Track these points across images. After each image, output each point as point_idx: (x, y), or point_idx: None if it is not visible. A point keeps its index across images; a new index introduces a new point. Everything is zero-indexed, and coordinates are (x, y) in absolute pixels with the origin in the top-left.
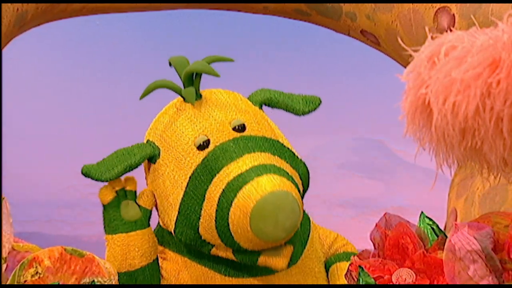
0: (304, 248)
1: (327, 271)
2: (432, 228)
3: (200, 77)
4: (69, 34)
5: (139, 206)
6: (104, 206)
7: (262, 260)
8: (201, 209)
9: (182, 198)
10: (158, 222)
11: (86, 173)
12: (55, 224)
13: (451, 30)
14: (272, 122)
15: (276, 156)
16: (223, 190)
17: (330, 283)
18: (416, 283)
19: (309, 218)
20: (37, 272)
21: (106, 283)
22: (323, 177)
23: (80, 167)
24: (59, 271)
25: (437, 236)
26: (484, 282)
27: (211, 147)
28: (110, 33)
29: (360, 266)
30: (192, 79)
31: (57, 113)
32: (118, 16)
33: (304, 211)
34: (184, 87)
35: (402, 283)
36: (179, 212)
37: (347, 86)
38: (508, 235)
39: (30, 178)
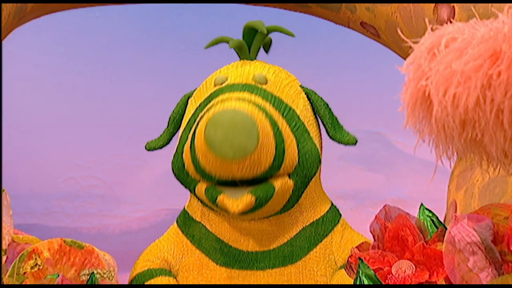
0: (312, 249)
1: None
2: (432, 220)
3: (260, 40)
4: (68, 26)
5: None
6: None
7: (220, 198)
8: (189, 133)
9: (185, 126)
10: (184, 207)
11: (149, 148)
12: (55, 216)
13: (451, 22)
14: (309, 109)
15: (277, 112)
16: (205, 112)
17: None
18: (416, 275)
19: (336, 222)
20: (36, 264)
21: (105, 275)
22: (323, 169)
23: (80, 159)
24: (59, 263)
25: (437, 228)
26: (484, 274)
27: (224, 84)
28: (109, 25)
29: (359, 258)
30: (251, 38)
31: (57, 105)
32: (118, 8)
33: (336, 217)
34: None
35: (401, 275)
36: (179, 140)
37: (346, 78)
38: (508, 227)
39: (30, 170)
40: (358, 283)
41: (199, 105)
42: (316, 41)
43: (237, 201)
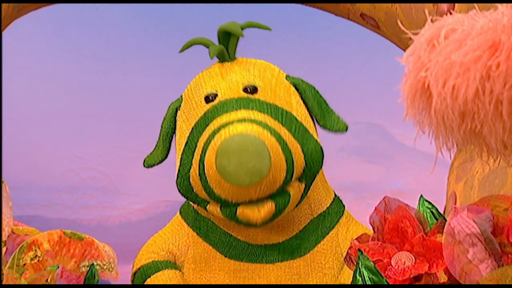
0: (319, 242)
1: None
2: (432, 212)
3: (237, 40)
4: (68, 17)
5: None
6: None
7: (240, 211)
8: (192, 158)
9: (183, 148)
10: None
11: (147, 165)
12: (55, 207)
13: (451, 13)
14: (301, 103)
15: (277, 121)
16: (208, 137)
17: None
18: (415, 266)
19: (341, 214)
20: (36, 256)
21: (105, 266)
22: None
23: (79, 151)
24: (58, 254)
25: (437, 219)
26: (483, 265)
27: (216, 101)
28: (109, 16)
29: (359, 250)
30: (227, 40)
31: (56, 96)
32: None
33: (340, 209)
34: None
35: (401, 266)
36: (180, 162)
37: (346, 70)
38: (508, 219)
39: (29, 162)
40: (357, 274)
41: (195, 125)
42: (316, 33)
43: (258, 209)
